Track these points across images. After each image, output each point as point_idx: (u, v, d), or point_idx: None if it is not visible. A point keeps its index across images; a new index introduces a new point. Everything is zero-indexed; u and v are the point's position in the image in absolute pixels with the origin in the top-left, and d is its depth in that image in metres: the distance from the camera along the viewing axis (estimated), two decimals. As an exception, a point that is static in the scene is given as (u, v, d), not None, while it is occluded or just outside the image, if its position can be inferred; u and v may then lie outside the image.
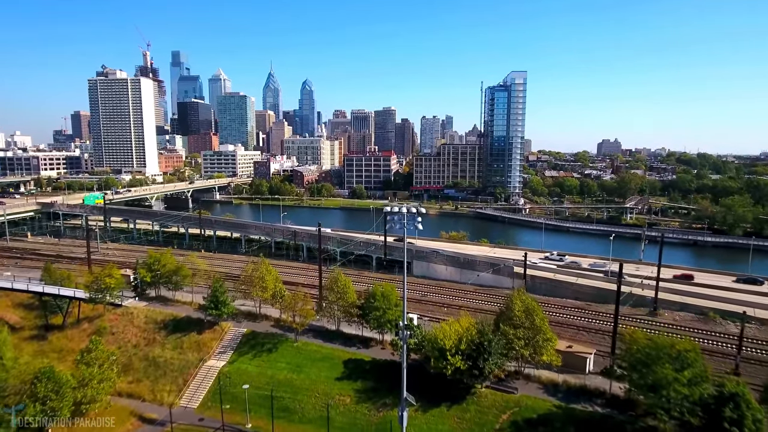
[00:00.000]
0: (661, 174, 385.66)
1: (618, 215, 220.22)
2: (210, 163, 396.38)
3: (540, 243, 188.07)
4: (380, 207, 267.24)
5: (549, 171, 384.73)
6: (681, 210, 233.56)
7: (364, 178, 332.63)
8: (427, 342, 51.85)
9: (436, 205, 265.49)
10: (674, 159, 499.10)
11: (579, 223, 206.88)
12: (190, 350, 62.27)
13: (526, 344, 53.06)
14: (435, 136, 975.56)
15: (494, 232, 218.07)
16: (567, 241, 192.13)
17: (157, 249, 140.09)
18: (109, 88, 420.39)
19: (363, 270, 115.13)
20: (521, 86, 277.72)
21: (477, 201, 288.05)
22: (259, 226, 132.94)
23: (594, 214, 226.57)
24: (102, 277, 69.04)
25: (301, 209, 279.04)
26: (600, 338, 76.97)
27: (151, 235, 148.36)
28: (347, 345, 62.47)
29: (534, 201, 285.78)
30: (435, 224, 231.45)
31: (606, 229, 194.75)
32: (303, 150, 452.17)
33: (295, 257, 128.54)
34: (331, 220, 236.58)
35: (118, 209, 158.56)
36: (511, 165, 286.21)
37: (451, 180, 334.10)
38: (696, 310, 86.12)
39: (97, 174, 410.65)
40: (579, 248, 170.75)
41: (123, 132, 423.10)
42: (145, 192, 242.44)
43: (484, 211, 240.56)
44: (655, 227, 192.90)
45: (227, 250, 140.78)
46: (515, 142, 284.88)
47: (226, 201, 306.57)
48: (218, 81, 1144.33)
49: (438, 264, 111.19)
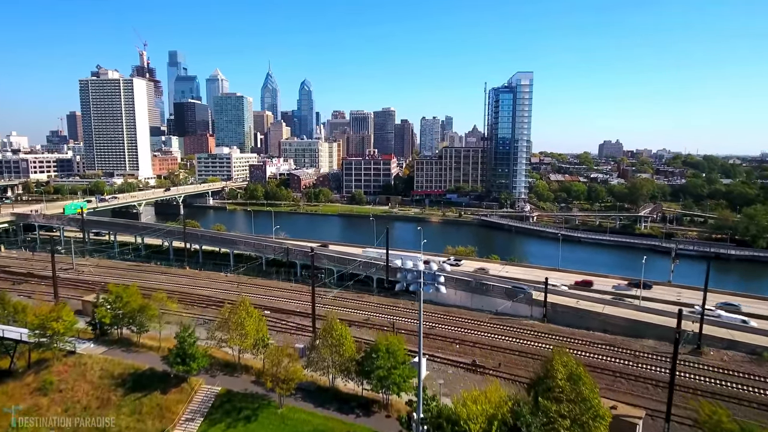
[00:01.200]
0: (669, 178, 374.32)
1: (630, 224, 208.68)
2: (204, 167, 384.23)
3: (549, 254, 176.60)
4: (380, 214, 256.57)
5: (554, 175, 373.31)
6: (696, 218, 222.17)
7: (364, 183, 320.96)
8: (447, 424, 40.13)
9: (438, 211, 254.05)
10: (680, 161, 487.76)
11: (590, 233, 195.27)
12: (150, 417, 50.54)
13: (572, 423, 41.33)
14: (435, 137, 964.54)
15: (500, 242, 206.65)
16: (579, 252, 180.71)
17: (138, 266, 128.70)
18: (101, 89, 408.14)
19: (363, 293, 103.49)
20: (527, 88, 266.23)
21: (481, 206, 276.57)
22: (249, 241, 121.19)
23: (605, 222, 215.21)
24: (48, 321, 57.22)
25: (297, 216, 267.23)
26: (642, 388, 65.28)
27: (133, 250, 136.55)
28: (344, 411, 50.71)
29: (540, 207, 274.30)
30: (438, 233, 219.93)
31: (620, 240, 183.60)
32: (300, 152, 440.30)
33: (288, 276, 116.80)
34: (328, 229, 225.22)
35: (97, 221, 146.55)
36: (516, 170, 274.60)
37: (453, 184, 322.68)
38: (746, 349, 74.55)
39: (89, 177, 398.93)
40: (593, 261, 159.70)
41: (115, 134, 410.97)
42: (132, 199, 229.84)
43: (489, 219, 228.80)
44: (673, 239, 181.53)
45: (214, 267, 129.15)
46: (521, 146, 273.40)
47: (220, 206, 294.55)
48: (216, 81, 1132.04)
49: (446, 288, 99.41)
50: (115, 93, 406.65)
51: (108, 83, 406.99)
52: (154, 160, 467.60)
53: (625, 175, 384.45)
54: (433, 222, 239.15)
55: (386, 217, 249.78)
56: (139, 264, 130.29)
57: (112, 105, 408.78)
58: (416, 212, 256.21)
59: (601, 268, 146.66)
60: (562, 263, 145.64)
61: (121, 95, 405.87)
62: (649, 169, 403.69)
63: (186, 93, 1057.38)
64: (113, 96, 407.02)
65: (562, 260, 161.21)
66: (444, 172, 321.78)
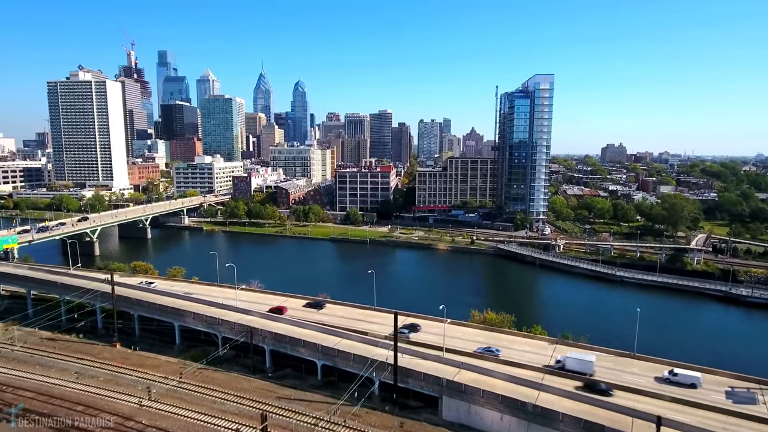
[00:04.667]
0: (692, 189, 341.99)
1: (676, 254, 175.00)
2: (184, 178, 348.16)
3: (589, 303, 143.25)
4: (379, 238, 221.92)
5: (569, 187, 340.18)
6: (752, 245, 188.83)
7: (360, 197, 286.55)
8: None
9: (446, 236, 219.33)
10: (699, 170, 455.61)
11: (633, 271, 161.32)
12: None
13: None
14: (433, 140, 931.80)
15: (523, 280, 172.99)
16: (618, 295, 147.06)
17: (51, 340, 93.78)
18: (71, 92, 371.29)
19: (352, 405, 68.27)
20: (547, 92, 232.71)
21: (493, 227, 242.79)
22: (199, 314, 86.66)
23: (646, 252, 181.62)
24: None
25: (283, 240, 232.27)
26: None
27: (55, 311, 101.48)
28: None
29: (559, 228, 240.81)
30: (446, 265, 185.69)
31: (675, 283, 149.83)
32: (291, 160, 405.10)
33: (253, 368, 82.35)
34: (319, 259, 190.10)
35: (8, 274, 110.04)
36: (534, 186, 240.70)
37: (459, 199, 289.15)
38: None
39: (57, 189, 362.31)
40: (649, 313, 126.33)
41: (87, 141, 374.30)
42: (82, 226, 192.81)
43: (508, 248, 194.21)
44: (742, 283, 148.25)
45: (157, 342, 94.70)
46: (540, 158, 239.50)
47: (197, 227, 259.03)
48: (206, 82, 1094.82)
49: (486, 408, 65.31)
50: (86, 96, 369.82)
51: (79, 86, 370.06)
52: (133, 169, 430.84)
53: (646, 187, 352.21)
54: (440, 250, 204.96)
55: (386, 244, 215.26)
56: (54, 338, 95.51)
57: (83, 109, 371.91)
58: (420, 237, 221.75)
59: (671, 334, 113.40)
60: (607, 315, 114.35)
61: (93, 98, 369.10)
62: (671, 181, 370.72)
63: (175, 94, 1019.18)
64: (84, 99, 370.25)
65: (606, 310, 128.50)
66: (449, 186, 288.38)
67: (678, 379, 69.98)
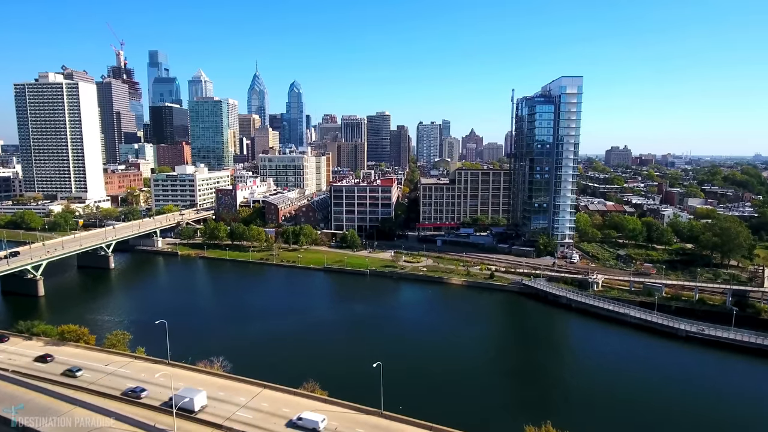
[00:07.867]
0: (722, 202, 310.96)
1: (742, 296, 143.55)
2: (163, 190, 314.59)
3: (644, 355, 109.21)
4: (381, 269, 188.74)
5: (590, 201, 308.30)
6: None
7: (357, 215, 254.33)
8: None
9: (460, 266, 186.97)
10: (720, 177, 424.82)
11: (698, 323, 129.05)
12: None
13: None
14: (433, 143, 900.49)
15: (557, 329, 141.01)
16: (678, 364, 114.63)
17: None
18: (40, 95, 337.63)
19: None
20: (574, 98, 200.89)
21: (510, 251, 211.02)
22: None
23: (705, 293, 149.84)
24: None
25: (269, 269, 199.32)
26: None
27: None
28: None
29: (586, 252, 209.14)
30: (462, 309, 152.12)
31: (754, 342, 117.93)
32: (282, 169, 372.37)
33: None
34: (310, 299, 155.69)
35: None
36: (559, 204, 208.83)
37: (468, 215, 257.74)
38: None
39: (25, 202, 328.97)
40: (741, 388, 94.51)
41: (58, 148, 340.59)
42: (22, 263, 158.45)
43: (536, 285, 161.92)
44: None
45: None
46: (565, 172, 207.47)
47: (171, 252, 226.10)
48: (199, 83, 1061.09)
49: None
50: (57, 99, 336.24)
51: (48, 88, 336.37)
52: (112, 177, 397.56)
53: (671, 199, 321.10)
54: (453, 285, 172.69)
55: (389, 276, 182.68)
56: None
57: (54, 114, 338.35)
58: (429, 267, 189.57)
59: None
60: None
61: (65, 102, 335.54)
62: (699, 193, 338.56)
63: (165, 96, 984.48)
64: (55, 103, 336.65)
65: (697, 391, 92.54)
66: (457, 200, 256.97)
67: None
